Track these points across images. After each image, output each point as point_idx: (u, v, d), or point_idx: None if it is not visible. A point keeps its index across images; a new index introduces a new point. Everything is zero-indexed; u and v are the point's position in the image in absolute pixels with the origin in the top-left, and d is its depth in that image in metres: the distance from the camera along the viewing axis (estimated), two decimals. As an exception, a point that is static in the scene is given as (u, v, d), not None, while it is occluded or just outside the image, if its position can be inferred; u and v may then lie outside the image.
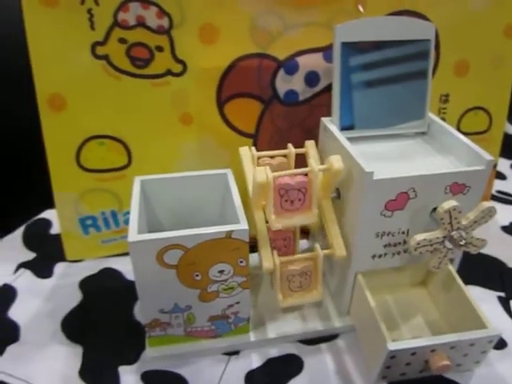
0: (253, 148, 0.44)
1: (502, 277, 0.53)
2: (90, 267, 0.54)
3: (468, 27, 0.52)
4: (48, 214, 0.62)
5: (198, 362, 0.43)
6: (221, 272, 0.40)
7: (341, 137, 0.42)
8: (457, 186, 0.40)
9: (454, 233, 0.37)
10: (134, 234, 0.37)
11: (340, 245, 0.41)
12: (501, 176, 0.73)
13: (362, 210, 0.39)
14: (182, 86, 0.48)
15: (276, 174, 0.37)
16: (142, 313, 0.41)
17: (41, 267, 0.54)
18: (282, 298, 0.42)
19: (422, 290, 0.49)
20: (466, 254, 0.45)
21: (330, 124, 0.45)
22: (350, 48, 0.43)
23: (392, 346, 0.37)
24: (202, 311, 0.42)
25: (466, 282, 0.49)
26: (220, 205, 0.47)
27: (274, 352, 0.44)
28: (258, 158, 0.44)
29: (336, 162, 0.38)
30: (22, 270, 0.53)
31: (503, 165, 0.76)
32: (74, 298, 0.50)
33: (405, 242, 0.42)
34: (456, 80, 0.55)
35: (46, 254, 0.56)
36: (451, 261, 0.45)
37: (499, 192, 0.69)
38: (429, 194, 0.39)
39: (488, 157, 0.39)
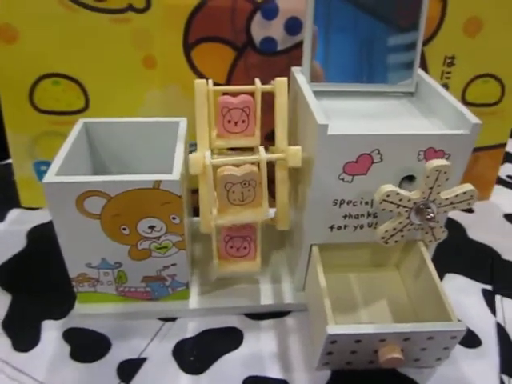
0: (210, 81, 0.38)
1: (492, 268, 0.46)
2: (44, 216, 0.50)
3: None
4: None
5: (129, 324, 0.39)
6: (151, 228, 0.35)
7: (306, 88, 0.37)
8: (433, 153, 0.34)
9: (414, 210, 0.32)
10: (51, 175, 0.33)
11: (284, 215, 0.36)
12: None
13: (315, 170, 0.34)
14: (144, 25, 0.43)
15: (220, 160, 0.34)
16: (67, 265, 0.37)
17: (-5, 211, 0.51)
18: (217, 264, 0.38)
19: (394, 272, 0.43)
20: (456, 239, 0.39)
21: (299, 74, 0.39)
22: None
23: (331, 329, 0.32)
24: (133, 270, 0.38)
25: (450, 270, 0.44)
26: (171, 156, 0.42)
27: (214, 323, 0.40)
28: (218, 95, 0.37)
29: (292, 156, 0.35)
30: (-25, 213, 0.51)
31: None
32: (18, 245, 0.47)
33: (369, 215, 0.37)
34: (465, 40, 0.47)
35: (4, 199, 0.53)
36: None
37: (510, 177, 0.61)
38: (398, 159, 0.34)
39: (474, 120, 0.33)
